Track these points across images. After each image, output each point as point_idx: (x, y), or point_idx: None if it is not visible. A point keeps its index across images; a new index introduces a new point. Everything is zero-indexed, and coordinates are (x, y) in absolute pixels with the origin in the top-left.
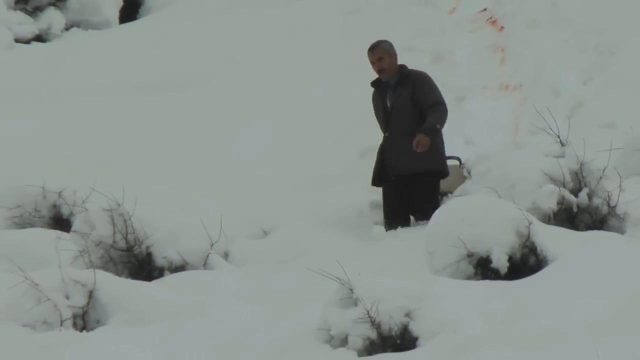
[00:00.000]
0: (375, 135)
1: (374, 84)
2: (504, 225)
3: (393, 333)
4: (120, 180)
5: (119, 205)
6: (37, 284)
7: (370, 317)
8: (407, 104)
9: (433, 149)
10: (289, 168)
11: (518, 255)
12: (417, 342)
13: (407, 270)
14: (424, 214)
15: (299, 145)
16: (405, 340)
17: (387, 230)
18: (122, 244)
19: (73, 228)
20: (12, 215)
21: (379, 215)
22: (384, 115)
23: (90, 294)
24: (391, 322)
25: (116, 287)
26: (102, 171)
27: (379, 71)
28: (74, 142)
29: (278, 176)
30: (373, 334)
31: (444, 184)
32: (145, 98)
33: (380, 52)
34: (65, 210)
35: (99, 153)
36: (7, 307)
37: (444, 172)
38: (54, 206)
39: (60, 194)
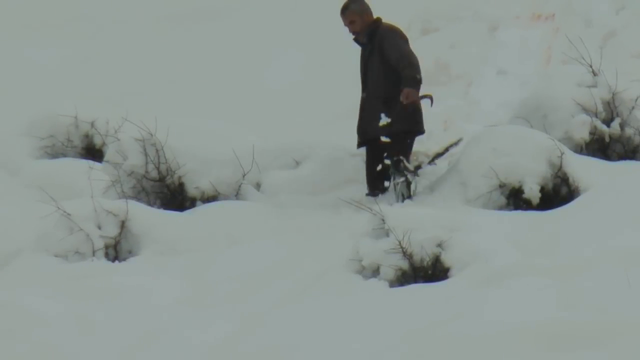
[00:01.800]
0: None
1: (357, 42)
2: (536, 155)
3: (425, 263)
4: (152, 110)
5: (151, 135)
6: (69, 214)
7: (402, 247)
8: (376, 62)
9: (402, 110)
10: (322, 98)
11: (550, 185)
12: (449, 273)
13: (440, 201)
14: (394, 167)
15: (330, 75)
16: (437, 270)
17: (368, 194)
18: (154, 174)
19: (105, 158)
20: (44, 145)
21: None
22: (361, 75)
23: (123, 224)
24: (423, 253)
25: (148, 218)
26: (134, 101)
27: (352, 34)
28: (107, 72)
29: (310, 106)
30: (405, 265)
31: None
32: (177, 27)
33: (350, 15)
34: (97, 140)
35: (131, 83)
36: (39, 237)
37: (415, 130)
38: (86, 136)
39: (92, 124)
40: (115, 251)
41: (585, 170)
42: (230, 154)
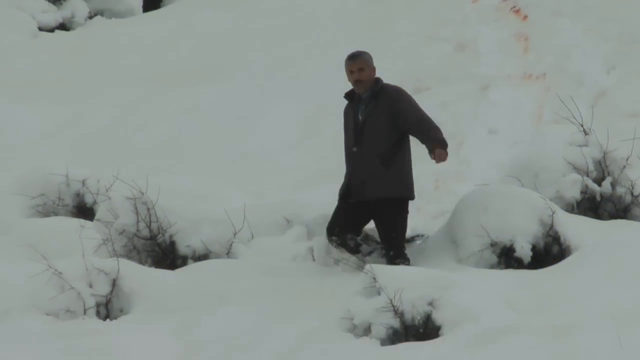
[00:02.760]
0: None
1: (348, 96)
2: (528, 214)
3: (416, 322)
4: (143, 170)
5: (142, 193)
6: (60, 273)
7: (393, 305)
8: (381, 119)
9: (400, 173)
10: (314, 156)
11: (541, 244)
12: (440, 331)
13: (431, 259)
14: (389, 244)
15: (324, 131)
16: (428, 329)
17: (328, 239)
18: (145, 232)
19: (96, 216)
20: (35, 204)
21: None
22: (354, 129)
23: (114, 283)
24: (414, 311)
25: (139, 276)
26: (125, 160)
27: (355, 82)
28: (97, 130)
29: (303, 164)
30: (396, 323)
31: None
32: (169, 87)
33: (362, 62)
34: (88, 199)
35: (122, 142)
36: (30, 296)
37: (409, 197)
38: (78, 195)
39: (83, 183)
40: (107, 309)
41: (576, 229)
42: (222, 213)
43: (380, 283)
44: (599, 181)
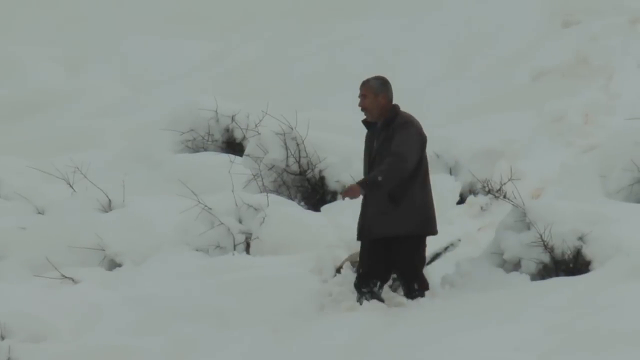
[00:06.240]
0: (550, 57)
1: (366, 123)
2: None
3: (566, 257)
4: (293, 104)
5: (292, 128)
6: (210, 208)
7: (543, 240)
8: (387, 152)
9: (412, 209)
10: (460, 90)
11: None
12: (591, 266)
13: (580, 193)
14: (407, 278)
15: (470, 66)
16: (578, 263)
17: (359, 295)
18: (294, 167)
19: (246, 152)
20: (185, 139)
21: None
22: (368, 160)
23: (264, 219)
24: (564, 246)
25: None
26: (274, 94)
27: (361, 109)
28: (245, 64)
29: (449, 99)
30: (546, 258)
31: None
32: (321, 20)
33: (365, 89)
34: (238, 134)
35: (272, 76)
36: (180, 231)
37: (424, 234)
38: (227, 130)
39: (233, 118)
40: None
41: None
42: None
43: (530, 218)
44: None
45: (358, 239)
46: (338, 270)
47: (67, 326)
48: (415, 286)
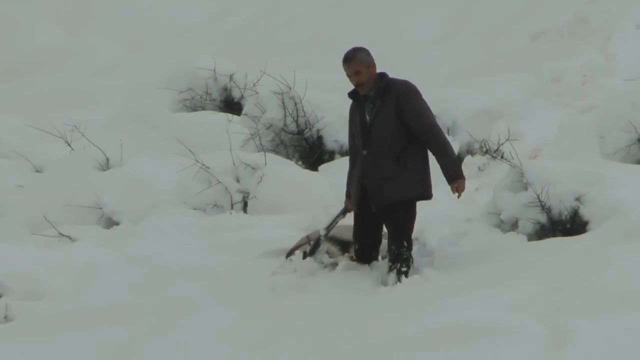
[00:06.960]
0: (549, 19)
1: (352, 95)
2: None
3: (563, 217)
4: (291, 64)
5: (289, 88)
6: (208, 167)
7: (540, 201)
8: (390, 119)
9: (417, 172)
10: (459, 51)
11: None
12: (588, 227)
13: (578, 154)
14: (398, 244)
15: (470, 28)
16: (575, 224)
17: (358, 261)
18: (292, 127)
19: (244, 111)
20: (183, 98)
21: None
22: (362, 131)
23: (261, 178)
24: (561, 206)
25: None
26: (272, 54)
27: (356, 85)
28: (244, 24)
29: (448, 60)
30: (543, 218)
31: None
32: None
33: (357, 65)
34: (236, 93)
35: (269, 36)
36: (178, 190)
37: (426, 197)
38: (225, 89)
39: (231, 77)
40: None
41: None
42: None
43: (527, 178)
44: None
45: (358, 209)
46: (288, 256)
47: (64, 284)
48: (405, 244)
